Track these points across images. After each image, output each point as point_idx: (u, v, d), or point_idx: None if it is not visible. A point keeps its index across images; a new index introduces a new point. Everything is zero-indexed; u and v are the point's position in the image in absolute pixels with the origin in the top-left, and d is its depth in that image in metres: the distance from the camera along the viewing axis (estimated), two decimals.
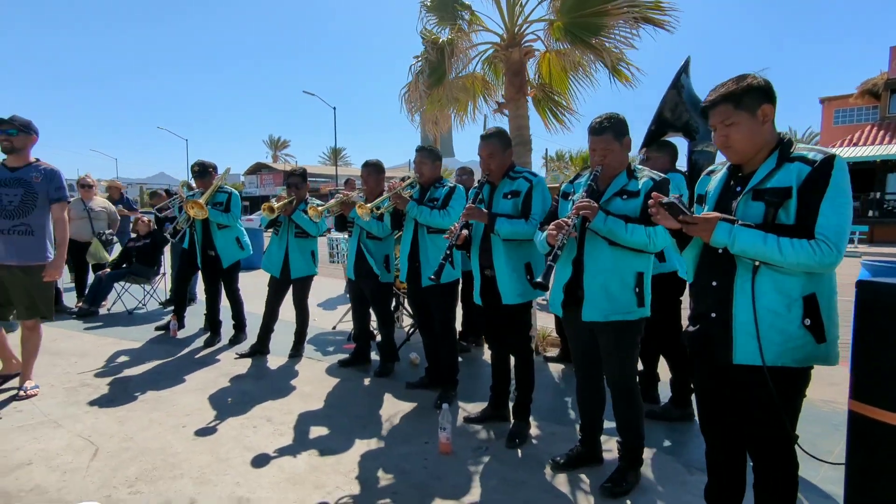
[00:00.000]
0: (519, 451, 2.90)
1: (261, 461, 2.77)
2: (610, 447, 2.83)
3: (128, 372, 4.30)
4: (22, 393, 3.66)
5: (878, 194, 20.41)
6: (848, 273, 2.57)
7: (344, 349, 4.98)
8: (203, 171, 5.05)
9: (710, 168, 2.03)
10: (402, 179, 3.88)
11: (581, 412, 2.74)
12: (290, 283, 4.72)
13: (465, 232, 2.98)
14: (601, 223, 2.30)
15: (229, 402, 3.61)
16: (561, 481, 2.58)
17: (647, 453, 2.77)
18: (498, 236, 2.92)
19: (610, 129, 2.42)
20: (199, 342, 5.20)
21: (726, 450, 1.94)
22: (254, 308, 5.45)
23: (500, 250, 2.97)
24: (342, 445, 2.96)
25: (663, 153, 3.57)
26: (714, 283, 1.82)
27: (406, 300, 5.21)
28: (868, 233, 19.20)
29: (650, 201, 1.83)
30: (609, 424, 2.75)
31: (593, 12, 4.69)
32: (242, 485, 2.53)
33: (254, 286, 4.80)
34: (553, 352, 4.92)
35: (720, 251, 1.77)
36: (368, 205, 3.72)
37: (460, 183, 5.58)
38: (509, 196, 2.99)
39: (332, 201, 4.22)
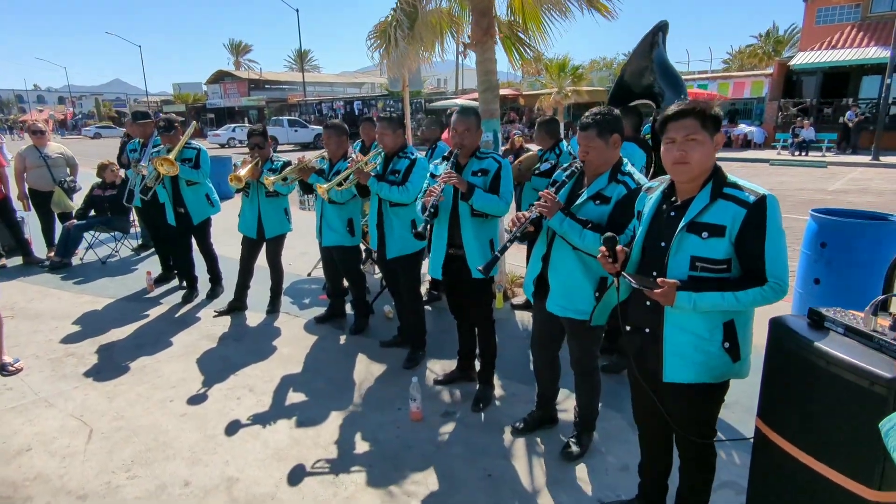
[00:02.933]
0: (483, 414, 3.20)
1: (246, 436, 3.02)
2: (565, 407, 3.15)
3: (110, 336, 4.45)
4: (11, 368, 3.79)
5: (850, 100, 20.44)
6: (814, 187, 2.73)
7: (319, 300, 5.16)
8: (169, 126, 4.91)
9: (649, 185, 2.11)
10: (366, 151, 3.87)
11: (537, 382, 3.01)
12: (263, 242, 4.78)
13: (441, 196, 2.96)
14: (557, 224, 2.39)
15: (212, 370, 3.81)
16: (519, 446, 2.89)
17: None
18: (470, 207, 3.00)
19: (594, 126, 2.39)
20: (176, 297, 5.32)
21: (656, 438, 2.22)
22: (226, 251, 5.56)
23: (468, 227, 3.09)
24: (321, 415, 3.22)
25: (627, 120, 3.58)
26: (647, 303, 1.97)
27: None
28: (837, 140, 19.49)
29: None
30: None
31: None
32: (231, 463, 2.79)
33: (226, 225, 4.90)
34: (520, 297, 5.18)
35: (654, 273, 1.91)
36: (325, 186, 3.79)
37: (425, 136, 5.50)
38: (479, 174, 3.07)
39: (289, 169, 4.20)
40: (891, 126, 18.39)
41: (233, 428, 3.10)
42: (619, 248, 1.94)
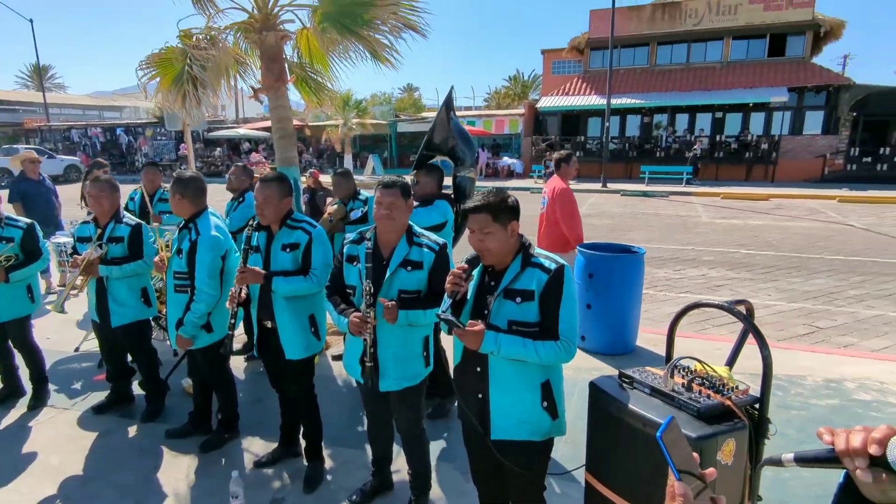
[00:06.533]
0: (315, 495, 3.01)
1: None
2: (397, 467, 3.14)
3: None
4: None
5: (582, 137, 24.97)
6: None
7: (95, 383, 4.31)
8: None
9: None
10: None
11: (373, 448, 2.95)
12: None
13: (243, 295, 2.81)
14: (404, 320, 2.39)
15: None
16: None
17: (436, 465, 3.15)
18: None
19: (398, 186, 2.45)
20: None
21: (493, 497, 2.36)
22: None
23: (281, 304, 2.88)
24: None
25: (431, 177, 3.81)
26: (478, 369, 2.11)
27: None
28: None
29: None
30: None
31: (359, 2, 4.55)
32: None
33: None
34: (338, 346, 5.04)
35: None
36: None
37: (234, 186, 5.02)
38: (288, 249, 2.88)
39: (73, 280, 3.55)
40: (612, 159, 22.92)
41: None
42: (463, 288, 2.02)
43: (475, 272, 2.15)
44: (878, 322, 5.85)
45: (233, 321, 2.82)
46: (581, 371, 4.52)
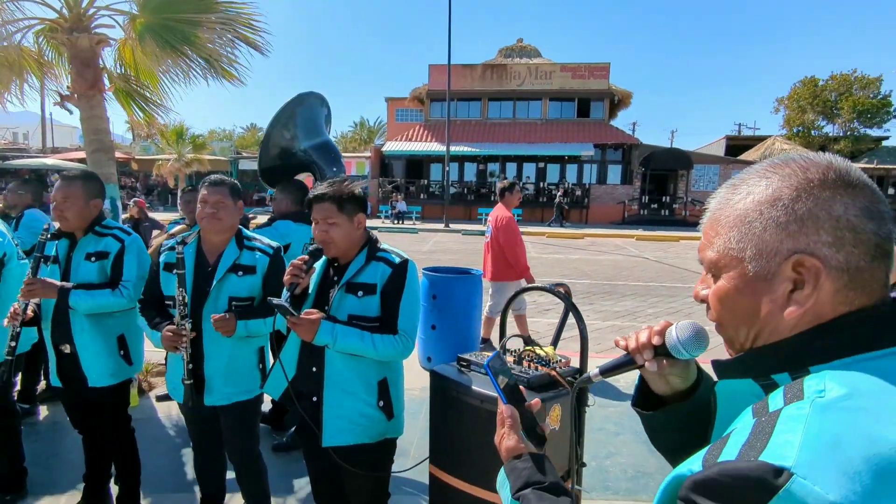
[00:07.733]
0: None
1: None
2: None
3: None
4: None
5: (425, 181, 26.13)
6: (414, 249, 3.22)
7: None
8: None
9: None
10: None
11: (201, 486, 2.62)
12: None
13: (29, 312, 2.35)
14: (243, 331, 2.19)
15: None
16: None
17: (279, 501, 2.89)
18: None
19: (225, 186, 2.30)
20: None
21: None
22: None
23: (80, 323, 2.46)
24: None
25: (286, 195, 3.53)
26: (314, 369, 1.99)
27: None
28: (421, 212, 24.48)
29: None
30: None
31: (186, 20, 4.29)
32: None
33: None
34: (162, 387, 4.47)
35: None
36: None
37: (13, 202, 4.28)
38: (93, 258, 2.48)
39: None
40: (453, 202, 24.29)
41: None
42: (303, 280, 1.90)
43: (318, 265, 2.07)
44: None
45: (13, 344, 2.32)
46: (429, 391, 4.58)
